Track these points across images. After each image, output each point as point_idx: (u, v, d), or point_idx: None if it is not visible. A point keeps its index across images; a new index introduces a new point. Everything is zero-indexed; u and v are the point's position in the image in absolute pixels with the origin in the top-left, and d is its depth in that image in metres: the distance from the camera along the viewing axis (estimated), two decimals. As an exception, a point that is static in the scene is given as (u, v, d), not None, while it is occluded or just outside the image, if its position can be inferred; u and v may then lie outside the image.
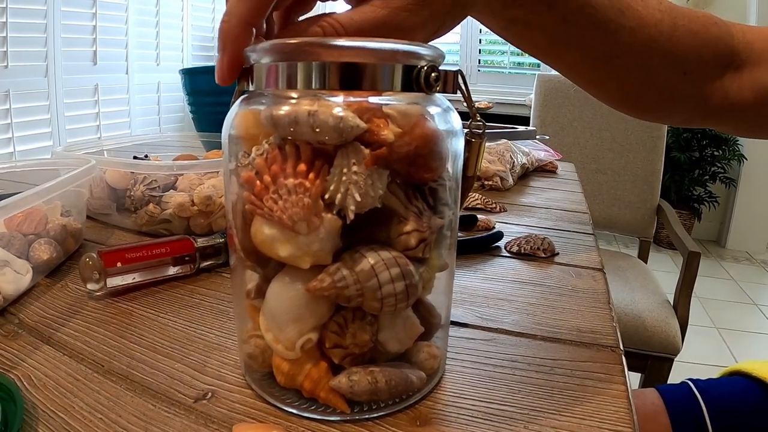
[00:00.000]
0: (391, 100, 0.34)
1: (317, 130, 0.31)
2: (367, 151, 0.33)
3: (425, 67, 0.34)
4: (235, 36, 0.35)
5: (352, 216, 0.33)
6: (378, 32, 0.34)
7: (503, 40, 0.47)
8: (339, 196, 0.33)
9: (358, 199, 0.32)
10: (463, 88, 0.37)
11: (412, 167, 0.34)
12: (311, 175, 0.33)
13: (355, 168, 0.32)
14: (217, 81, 0.36)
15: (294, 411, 0.37)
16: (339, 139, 0.32)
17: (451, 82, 0.36)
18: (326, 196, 0.33)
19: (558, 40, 0.44)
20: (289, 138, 0.33)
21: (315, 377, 0.37)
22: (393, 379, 0.37)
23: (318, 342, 0.37)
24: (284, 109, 0.32)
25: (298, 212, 0.32)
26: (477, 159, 0.41)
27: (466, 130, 0.40)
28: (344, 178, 0.32)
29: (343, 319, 0.36)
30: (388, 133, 0.33)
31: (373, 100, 0.34)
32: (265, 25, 0.40)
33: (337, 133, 0.31)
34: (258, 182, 0.33)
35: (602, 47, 0.44)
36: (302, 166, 0.33)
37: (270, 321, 0.37)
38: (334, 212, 0.33)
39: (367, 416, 0.37)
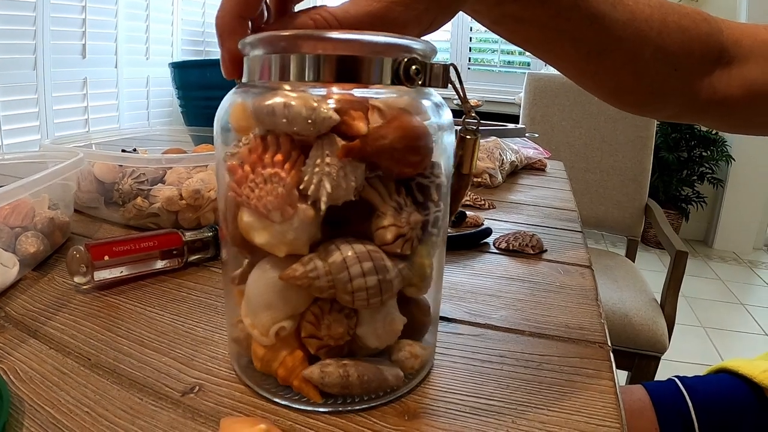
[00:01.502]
0: (381, 93, 0.34)
1: (289, 121, 0.32)
2: (343, 143, 0.33)
3: (405, 60, 0.33)
4: (231, 30, 0.35)
5: (323, 207, 0.33)
6: (372, 26, 0.34)
7: (494, 39, 0.48)
8: (312, 186, 0.33)
9: (329, 190, 0.32)
10: (456, 83, 0.37)
11: (390, 161, 0.34)
12: (287, 166, 0.33)
13: (328, 159, 0.32)
14: (224, 76, 0.37)
15: (281, 402, 0.37)
16: (312, 131, 0.32)
17: (440, 76, 0.36)
18: (301, 187, 0.33)
19: (551, 34, 0.44)
20: (271, 129, 0.34)
21: (289, 365, 0.37)
22: (366, 374, 0.37)
23: (296, 331, 0.37)
24: (265, 102, 0.32)
25: (272, 201, 0.33)
26: (472, 157, 0.41)
27: (459, 127, 0.40)
28: (317, 169, 0.33)
29: (320, 309, 0.36)
30: (361, 125, 0.33)
31: (362, 92, 0.34)
32: (265, 15, 0.40)
33: (309, 124, 0.32)
34: (240, 171, 0.34)
35: (594, 41, 0.44)
36: (279, 157, 0.33)
37: (247, 306, 0.37)
38: (309, 203, 0.34)
39: (357, 407, 0.37)
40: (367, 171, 0.34)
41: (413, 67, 0.34)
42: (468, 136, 0.40)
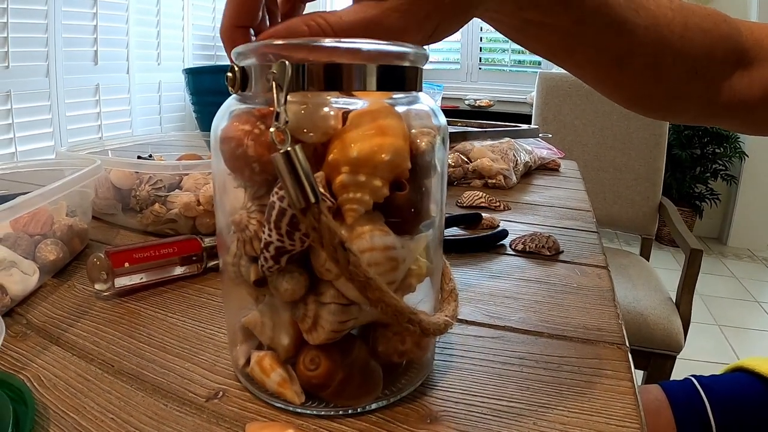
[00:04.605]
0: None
1: None
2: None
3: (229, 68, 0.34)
4: (230, 40, 0.37)
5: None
6: (368, 32, 0.34)
7: (504, 38, 0.46)
8: None
9: None
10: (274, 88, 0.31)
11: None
12: None
13: None
14: None
15: (299, 411, 0.37)
16: None
17: (295, 80, 0.31)
18: None
19: (572, 40, 0.43)
20: None
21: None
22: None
23: None
24: None
25: None
26: (297, 184, 0.29)
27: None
28: None
29: None
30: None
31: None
32: (267, 21, 0.41)
33: None
34: None
35: (616, 47, 0.43)
36: None
37: None
38: None
39: (380, 414, 0.37)
40: None
41: (227, 74, 0.34)
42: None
